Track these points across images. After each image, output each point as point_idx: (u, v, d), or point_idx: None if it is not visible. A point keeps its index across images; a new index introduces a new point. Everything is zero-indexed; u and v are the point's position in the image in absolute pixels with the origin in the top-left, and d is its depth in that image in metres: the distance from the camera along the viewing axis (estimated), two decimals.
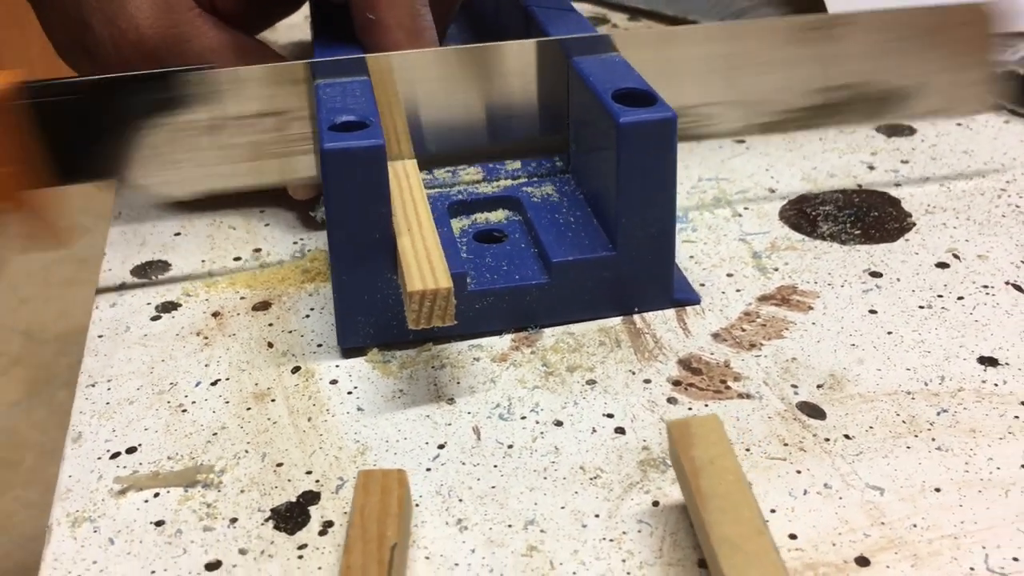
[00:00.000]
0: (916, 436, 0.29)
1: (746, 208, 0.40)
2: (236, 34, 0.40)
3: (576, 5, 0.64)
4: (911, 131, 0.46)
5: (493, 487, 0.28)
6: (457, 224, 0.36)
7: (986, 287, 0.35)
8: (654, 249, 0.32)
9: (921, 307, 0.34)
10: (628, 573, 0.25)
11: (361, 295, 0.31)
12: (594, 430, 0.29)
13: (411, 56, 0.36)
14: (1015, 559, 0.25)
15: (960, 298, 0.34)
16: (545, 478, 0.28)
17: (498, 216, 0.36)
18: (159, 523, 0.27)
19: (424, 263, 0.29)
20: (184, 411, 0.31)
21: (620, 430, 0.29)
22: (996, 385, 0.30)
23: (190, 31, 0.39)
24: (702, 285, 0.35)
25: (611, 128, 0.31)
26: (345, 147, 0.29)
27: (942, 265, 0.36)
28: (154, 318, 0.35)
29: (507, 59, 0.37)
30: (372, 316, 0.32)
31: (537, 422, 0.30)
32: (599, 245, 0.33)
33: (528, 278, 0.33)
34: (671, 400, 0.30)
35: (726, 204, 0.40)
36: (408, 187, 0.34)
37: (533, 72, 0.37)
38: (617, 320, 0.34)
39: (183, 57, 0.39)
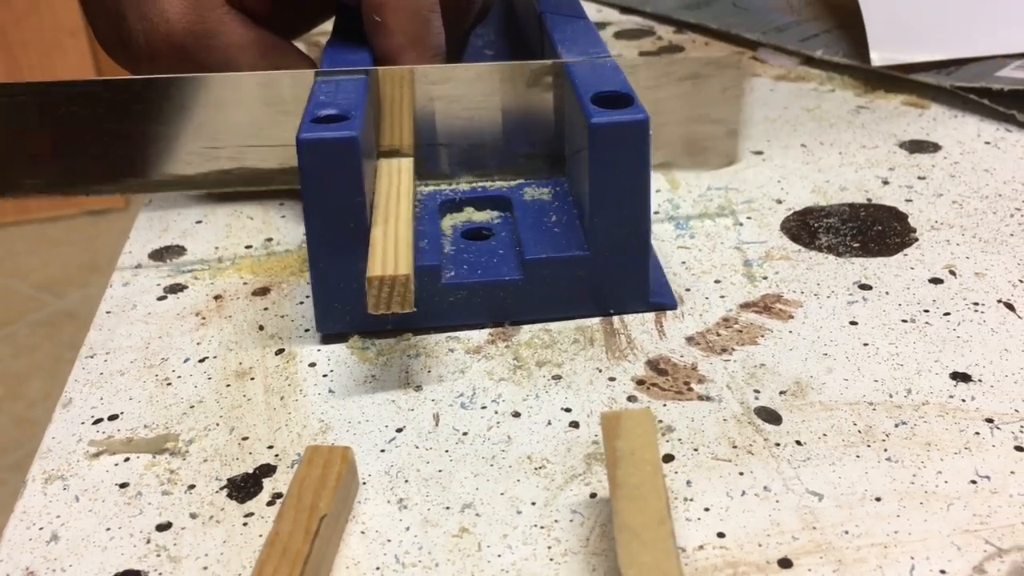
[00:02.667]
0: (868, 446, 0.28)
1: (748, 218, 0.40)
2: (263, 32, 0.42)
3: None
4: (935, 147, 0.45)
5: (440, 471, 0.28)
6: (448, 221, 0.37)
7: (976, 304, 0.34)
8: (628, 251, 0.33)
9: (904, 321, 0.33)
10: (551, 559, 0.25)
11: (337, 282, 0.32)
12: (549, 422, 0.30)
13: (419, 70, 0.37)
14: (942, 571, 0.24)
15: (947, 314, 0.34)
16: (491, 465, 0.29)
17: (489, 215, 0.37)
18: (123, 485, 0.29)
19: (390, 251, 0.30)
20: (169, 384, 0.33)
21: (575, 424, 0.30)
22: (963, 401, 0.30)
23: (218, 27, 0.41)
24: (687, 290, 0.36)
25: (586, 128, 0.32)
26: (319, 137, 0.31)
27: (936, 281, 0.35)
28: (160, 298, 0.37)
29: (517, 75, 0.38)
30: (349, 303, 0.33)
31: (496, 412, 0.30)
32: (574, 245, 0.33)
33: (503, 274, 0.33)
34: (631, 398, 0.31)
35: (729, 213, 0.41)
36: (397, 183, 0.35)
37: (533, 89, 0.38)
38: (596, 320, 0.34)
39: (210, 52, 0.41)
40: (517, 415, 0.30)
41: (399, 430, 0.30)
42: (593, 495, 0.27)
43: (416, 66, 0.37)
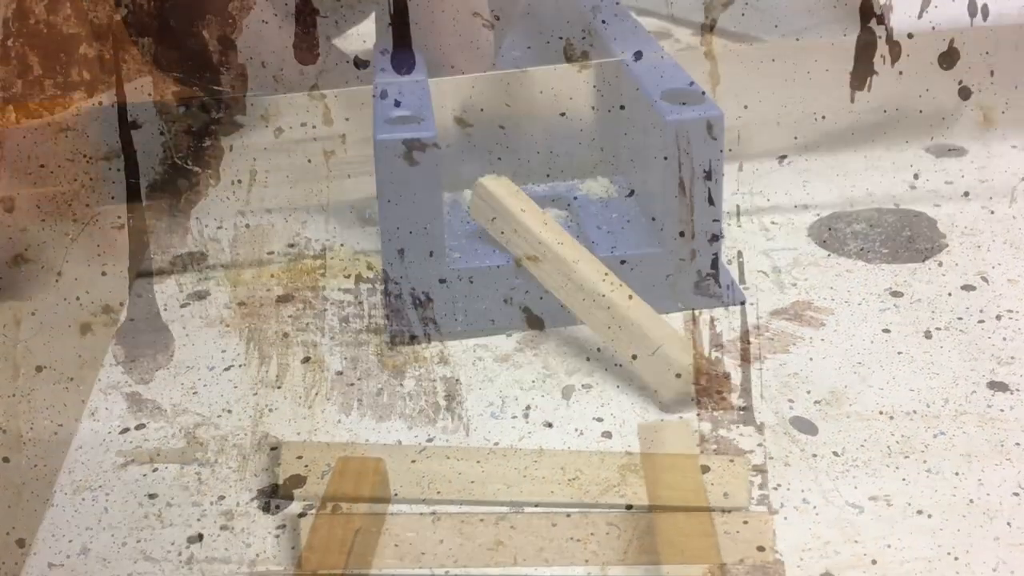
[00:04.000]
0: (907, 457, 0.28)
1: (774, 223, 0.40)
2: (305, 35, 0.42)
3: (641, 19, 0.64)
4: (962, 152, 0.44)
5: (473, 482, 0.28)
6: None
7: (1010, 311, 0.34)
8: (701, 248, 0.33)
9: (938, 328, 0.33)
10: (589, 573, 0.25)
11: (410, 286, 0.32)
12: (582, 433, 0.30)
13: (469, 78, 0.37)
14: None
15: (981, 321, 0.33)
16: (524, 476, 0.28)
17: (552, 213, 0.37)
18: (152, 496, 0.28)
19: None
20: (195, 393, 0.32)
21: (607, 434, 0.29)
22: (1001, 411, 0.29)
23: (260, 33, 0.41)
24: None
25: (659, 126, 0.31)
26: (398, 138, 0.30)
27: (968, 287, 0.35)
28: (184, 305, 0.37)
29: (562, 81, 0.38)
30: (419, 304, 0.33)
31: (527, 422, 0.30)
32: (645, 242, 0.33)
33: None
34: (664, 407, 0.30)
35: (756, 218, 0.40)
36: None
37: (591, 91, 0.38)
38: None
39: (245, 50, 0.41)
40: (549, 425, 0.30)
41: (429, 440, 0.30)
42: (629, 507, 0.27)
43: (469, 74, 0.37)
